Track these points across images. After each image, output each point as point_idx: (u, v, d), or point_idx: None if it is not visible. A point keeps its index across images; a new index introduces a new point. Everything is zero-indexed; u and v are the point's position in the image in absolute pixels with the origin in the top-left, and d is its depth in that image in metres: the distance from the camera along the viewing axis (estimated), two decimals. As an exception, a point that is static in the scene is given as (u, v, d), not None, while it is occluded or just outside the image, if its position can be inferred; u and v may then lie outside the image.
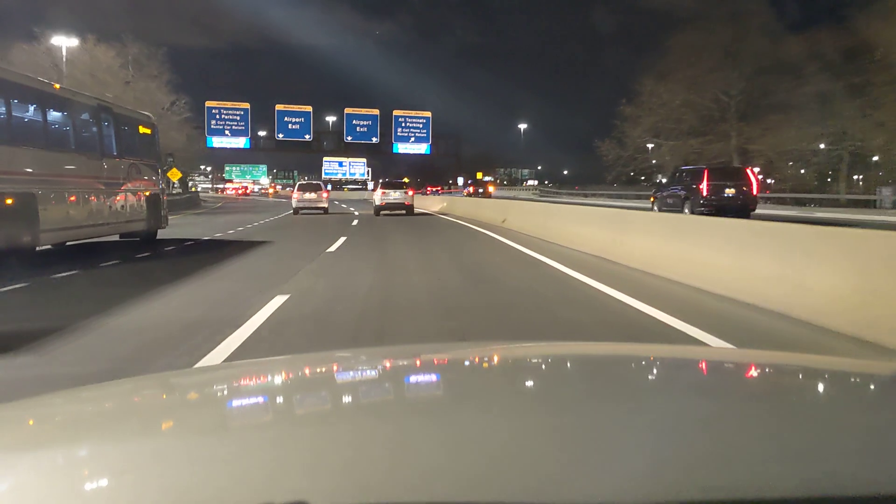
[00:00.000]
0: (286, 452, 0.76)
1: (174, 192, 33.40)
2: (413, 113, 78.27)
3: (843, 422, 0.86)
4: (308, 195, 25.20)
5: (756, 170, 20.69)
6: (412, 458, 0.73)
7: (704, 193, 16.29)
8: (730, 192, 16.41)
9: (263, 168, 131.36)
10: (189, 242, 12.24)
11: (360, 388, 1.18)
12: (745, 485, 0.63)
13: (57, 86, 10.53)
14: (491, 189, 61.57)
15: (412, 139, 79.77)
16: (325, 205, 25.02)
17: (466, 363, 1.38)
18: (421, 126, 79.80)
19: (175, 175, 24.97)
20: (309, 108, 73.58)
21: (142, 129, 12.58)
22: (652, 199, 19.93)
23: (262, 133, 70.17)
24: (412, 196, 23.21)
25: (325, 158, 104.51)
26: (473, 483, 0.65)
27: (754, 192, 16.75)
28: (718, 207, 15.42)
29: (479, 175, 78.26)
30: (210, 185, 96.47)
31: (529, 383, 1.18)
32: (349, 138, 76.81)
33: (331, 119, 71.80)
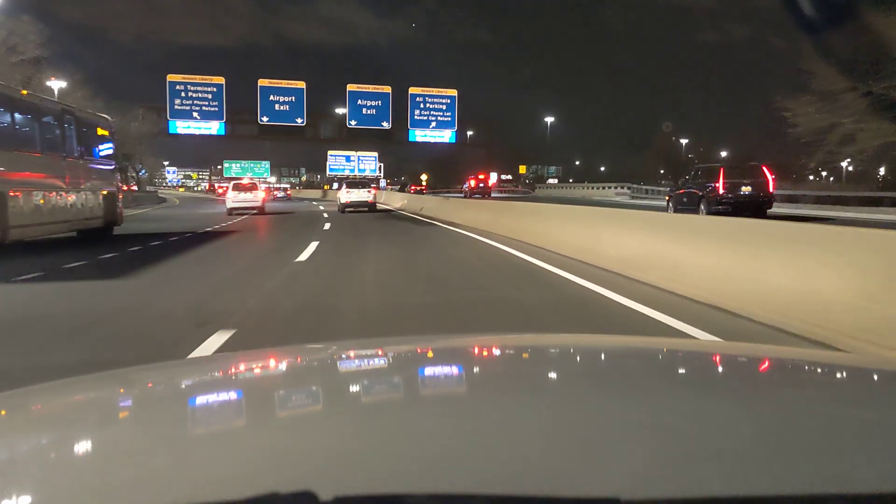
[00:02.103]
0: (292, 443, 0.81)
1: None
2: (434, 91, 62.46)
3: (843, 418, 0.93)
4: (243, 195, 26.59)
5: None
6: (417, 448, 0.78)
7: (720, 192, 16.98)
8: (746, 190, 17.15)
9: (266, 165, 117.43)
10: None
11: (365, 378, 1.27)
12: (744, 481, 0.67)
13: (24, 91, 12.42)
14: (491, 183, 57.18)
15: (433, 124, 63.81)
16: (261, 204, 26.56)
17: (469, 354, 1.49)
18: (444, 108, 63.76)
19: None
20: (302, 85, 58.03)
21: (100, 131, 14.01)
22: (667, 198, 20.96)
23: (241, 116, 53.30)
24: (374, 194, 28.35)
25: (329, 152, 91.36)
26: (477, 474, 0.69)
27: (770, 189, 17.59)
28: (735, 206, 16.44)
29: (523, 169, 61.66)
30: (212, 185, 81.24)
31: (533, 375, 1.26)
32: (353, 123, 61.54)
33: (340, 109, 55.53)
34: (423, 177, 75.64)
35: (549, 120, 76.49)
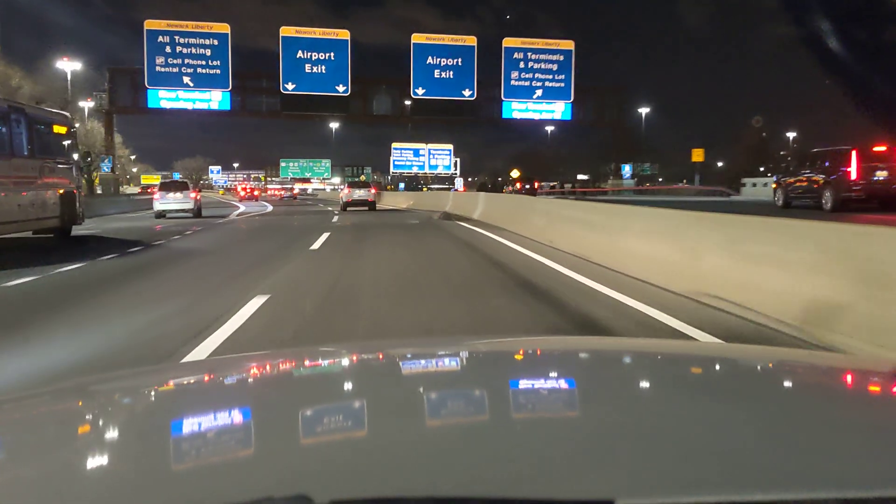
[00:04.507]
0: (286, 447, 0.83)
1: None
2: (540, 44, 40.26)
3: (840, 420, 0.93)
4: (172, 195, 24.37)
5: None
6: (413, 451, 0.79)
7: (853, 178, 15.53)
8: (881, 175, 15.46)
9: (327, 164, 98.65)
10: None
11: (359, 382, 1.26)
12: (740, 483, 0.68)
13: None
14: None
15: (538, 93, 41.69)
16: (192, 206, 24.01)
17: (467, 357, 1.49)
18: (555, 68, 42.87)
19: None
20: (345, 35, 37.19)
21: (56, 129, 14.12)
22: (775, 186, 19.91)
23: (254, 82, 33.10)
24: (374, 193, 30.74)
25: (393, 145, 70.76)
26: (473, 476, 0.70)
27: None
28: (869, 195, 15.48)
29: (698, 155, 39.73)
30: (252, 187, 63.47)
31: (529, 378, 1.27)
32: (420, 91, 41.59)
33: (400, 73, 37.86)
34: (515, 173, 54.81)
35: (644, 111, 53.36)
